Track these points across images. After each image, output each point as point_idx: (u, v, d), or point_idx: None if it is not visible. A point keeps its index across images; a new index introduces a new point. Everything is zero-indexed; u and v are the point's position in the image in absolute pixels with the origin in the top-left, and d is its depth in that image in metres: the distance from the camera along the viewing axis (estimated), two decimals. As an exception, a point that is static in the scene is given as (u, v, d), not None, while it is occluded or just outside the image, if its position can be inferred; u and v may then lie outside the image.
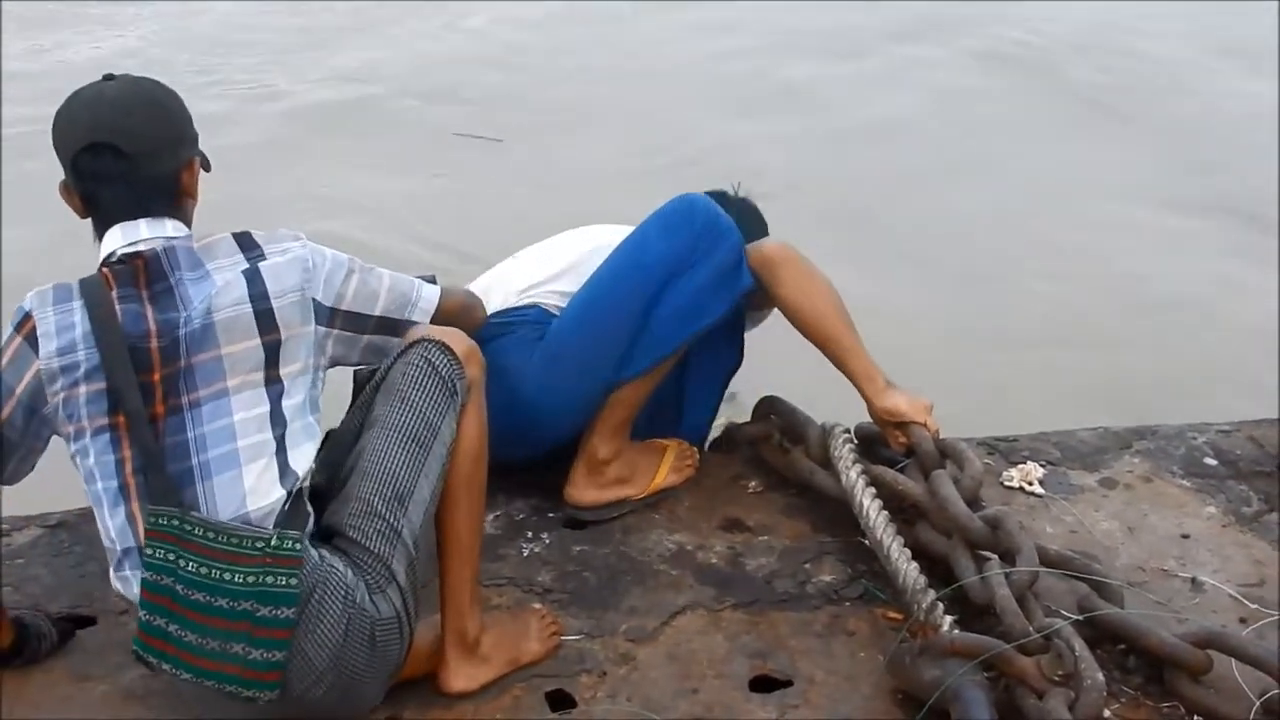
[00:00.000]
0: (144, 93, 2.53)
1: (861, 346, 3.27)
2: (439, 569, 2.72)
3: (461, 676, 2.75)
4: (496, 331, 3.21)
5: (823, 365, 3.35)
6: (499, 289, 3.37)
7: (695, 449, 3.59)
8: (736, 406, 4.27)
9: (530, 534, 3.33)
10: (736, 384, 3.64)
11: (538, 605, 3.04)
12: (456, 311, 2.86)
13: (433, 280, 2.83)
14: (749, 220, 3.56)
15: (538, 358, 3.21)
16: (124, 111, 2.47)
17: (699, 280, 3.20)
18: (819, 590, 3.13)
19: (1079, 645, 2.59)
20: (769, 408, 3.59)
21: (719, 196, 3.56)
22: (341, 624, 2.42)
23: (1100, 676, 2.54)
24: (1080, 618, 2.80)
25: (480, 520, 2.79)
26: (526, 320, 3.29)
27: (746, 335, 3.53)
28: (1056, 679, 2.57)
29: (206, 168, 2.64)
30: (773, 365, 3.54)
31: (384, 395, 2.63)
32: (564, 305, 3.29)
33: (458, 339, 2.69)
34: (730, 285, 3.23)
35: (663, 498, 3.47)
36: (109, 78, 2.53)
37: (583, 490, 3.37)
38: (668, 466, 3.50)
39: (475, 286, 3.37)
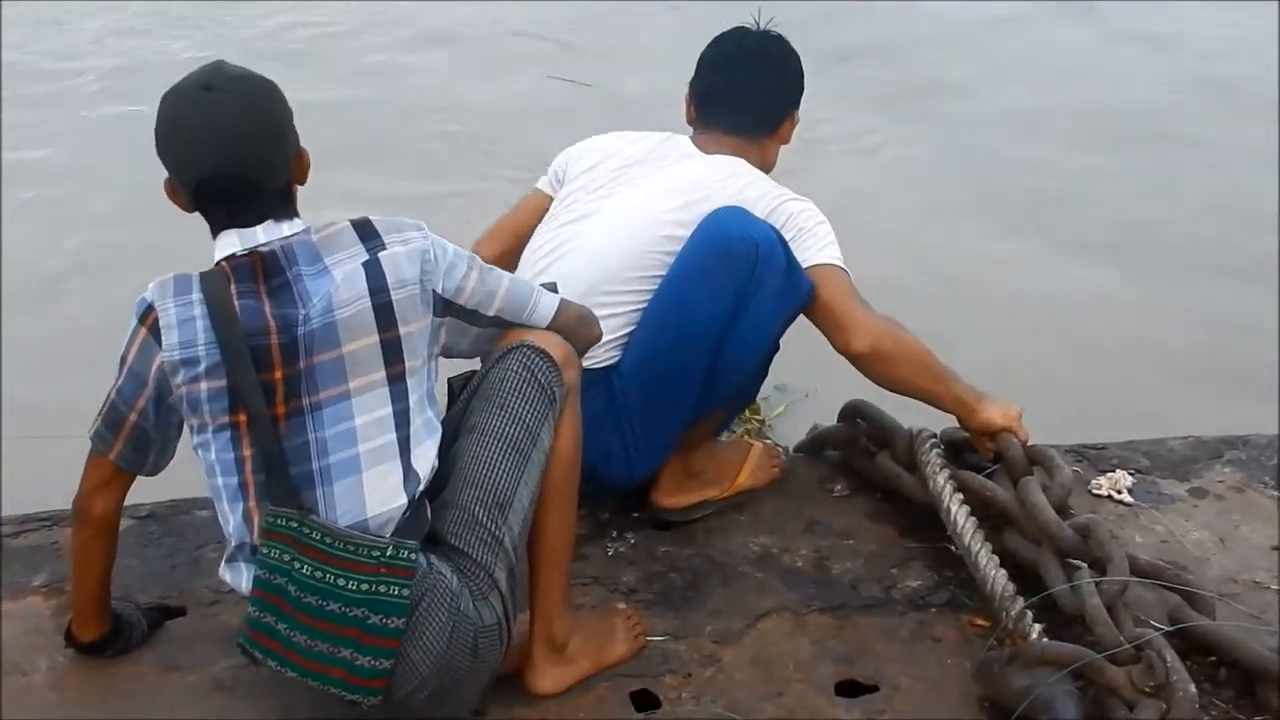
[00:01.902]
0: (255, 108, 2.46)
1: (952, 387, 3.22)
2: (530, 572, 2.72)
3: (548, 678, 2.76)
4: None
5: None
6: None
7: (780, 451, 3.57)
8: (789, 396, 4.26)
9: (615, 533, 3.33)
10: (798, 377, 3.62)
11: (622, 605, 3.04)
12: (573, 325, 2.79)
13: (554, 289, 2.80)
14: (782, 70, 3.43)
15: (614, 433, 3.15)
16: (239, 139, 2.41)
17: (760, 310, 3.10)
18: (905, 596, 3.12)
19: (1171, 656, 2.57)
20: (855, 411, 3.57)
21: (740, 35, 3.43)
22: (446, 631, 2.42)
23: (1193, 688, 2.52)
24: (1172, 629, 2.77)
25: (572, 525, 2.80)
26: (586, 383, 2.96)
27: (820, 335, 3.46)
28: (1148, 690, 2.54)
29: None
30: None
31: (482, 401, 2.61)
32: (619, 356, 3.18)
33: (555, 344, 2.67)
34: (790, 295, 3.13)
35: (747, 500, 3.46)
36: (210, 87, 2.43)
37: (668, 495, 3.37)
38: (751, 466, 3.49)
39: None
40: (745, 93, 3.38)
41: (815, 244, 3.19)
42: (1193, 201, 6.54)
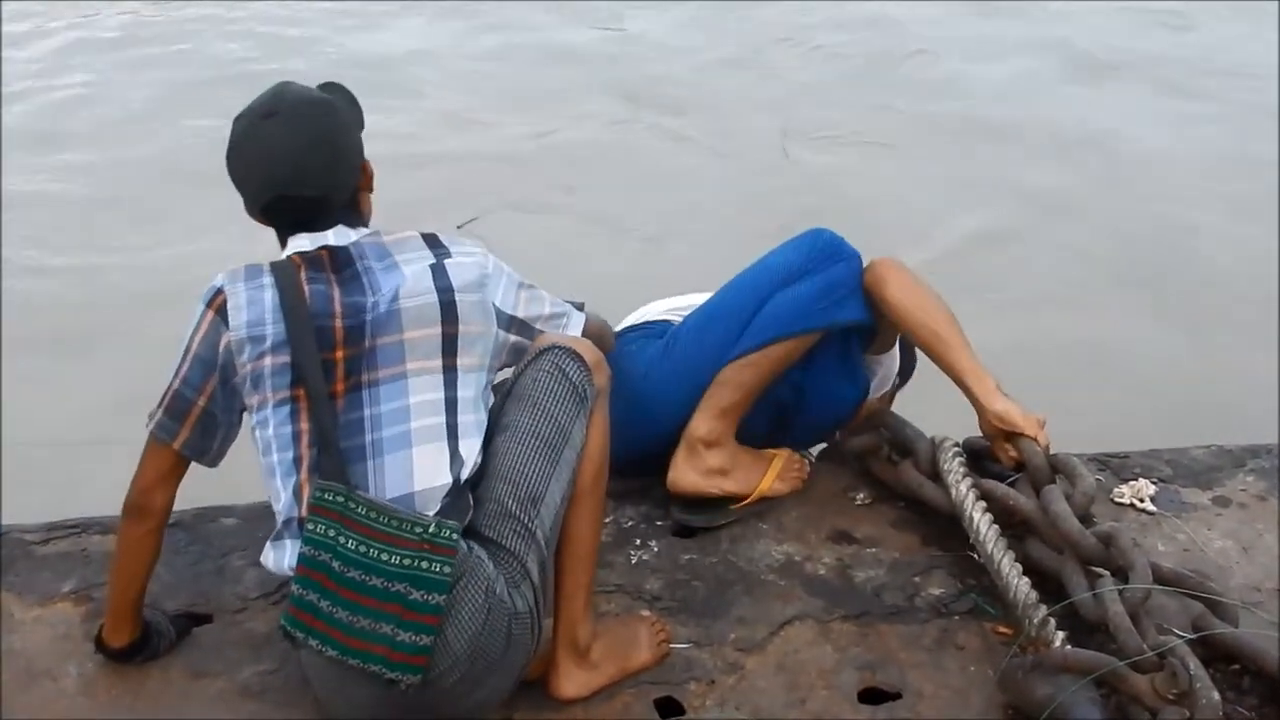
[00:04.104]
0: (314, 130, 2.62)
1: (969, 347, 3.24)
2: (555, 576, 2.75)
3: (573, 683, 2.78)
4: (622, 336, 3.37)
5: (930, 380, 3.34)
6: (640, 313, 3.56)
7: (805, 460, 3.58)
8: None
9: (639, 541, 3.34)
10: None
11: (646, 612, 3.05)
12: (594, 337, 2.94)
13: (581, 307, 2.96)
14: None
15: (654, 351, 3.35)
16: (299, 161, 2.59)
17: (814, 288, 3.26)
18: (928, 603, 3.12)
19: (1194, 664, 2.56)
20: (877, 420, 3.58)
21: None
22: (482, 613, 2.46)
23: (1216, 696, 2.51)
24: (1195, 636, 2.78)
25: (598, 528, 2.83)
26: (653, 330, 3.43)
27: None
28: (1171, 698, 2.54)
29: None
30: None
31: (515, 401, 2.69)
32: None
33: (586, 347, 2.76)
34: (842, 306, 3.27)
35: (770, 508, 3.46)
36: (271, 114, 2.60)
37: (682, 472, 3.37)
38: (775, 473, 3.49)
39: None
40: None
41: None
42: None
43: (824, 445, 3.75)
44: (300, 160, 2.59)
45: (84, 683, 2.85)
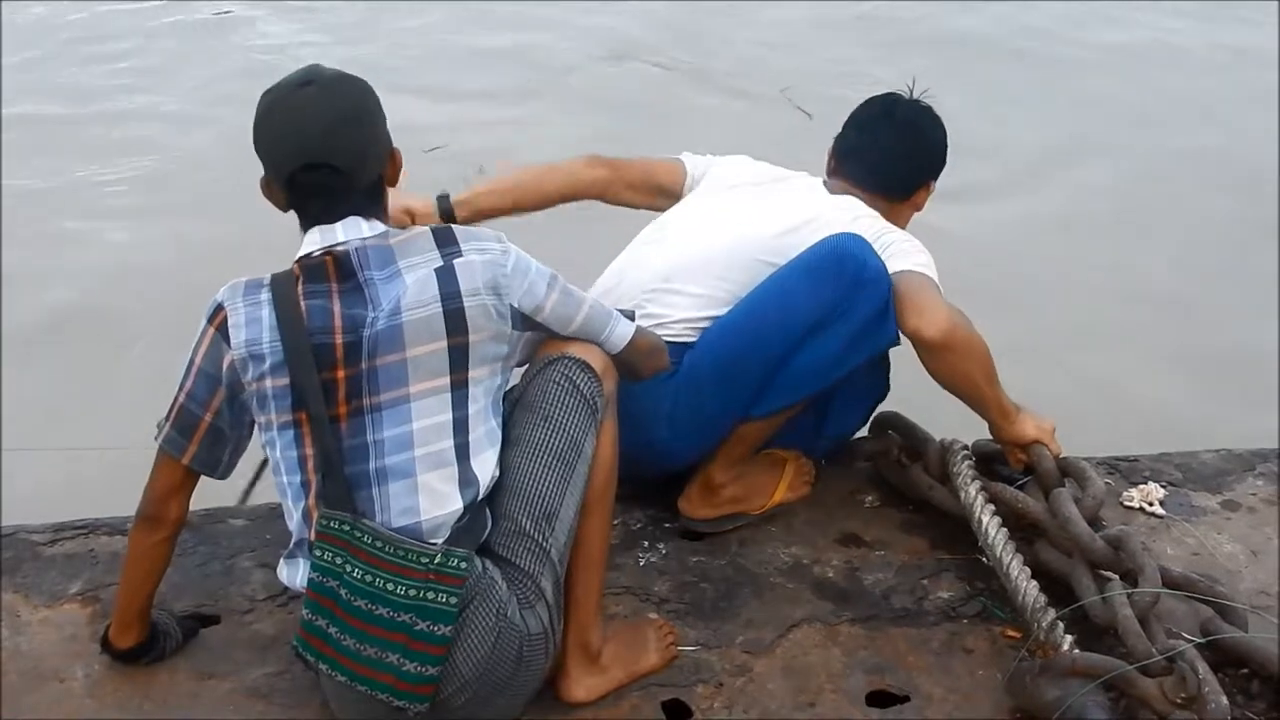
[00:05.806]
0: (348, 102, 2.50)
1: (999, 395, 3.20)
2: (565, 580, 2.71)
3: (582, 687, 2.77)
4: None
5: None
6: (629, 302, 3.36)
7: (813, 465, 3.58)
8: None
9: (647, 544, 3.33)
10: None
11: (654, 615, 3.05)
12: (643, 354, 2.84)
13: (631, 317, 2.84)
14: (922, 141, 3.55)
15: (669, 390, 3.16)
16: (331, 130, 2.46)
17: (842, 335, 3.11)
18: (937, 607, 3.12)
19: (1203, 668, 2.56)
20: (887, 423, 3.57)
21: (890, 101, 3.55)
22: (492, 636, 2.44)
23: (1224, 700, 2.51)
24: (1203, 640, 2.77)
25: (608, 533, 2.81)
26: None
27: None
28: (1179, 702, 2.54)
29: None
30: (890, 380, 3.53)
31: (524, 413, 2.64)
32: (696, 338, 3.23)
33: (595, 354, 2.70)
34: (873, 338, 3.15)
35: (779, 511, 3.46)
36: (307, 83, 2.49)
37: (696, 507, 3.37)
38: (785, 485, 3.48)
39: (605, 280, 3.43)
40: (882, 156, 3.49)
41: (910, 258, 3.20)
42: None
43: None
44: (334, 129, 2.46)
45: (91, 684, 2.85)
